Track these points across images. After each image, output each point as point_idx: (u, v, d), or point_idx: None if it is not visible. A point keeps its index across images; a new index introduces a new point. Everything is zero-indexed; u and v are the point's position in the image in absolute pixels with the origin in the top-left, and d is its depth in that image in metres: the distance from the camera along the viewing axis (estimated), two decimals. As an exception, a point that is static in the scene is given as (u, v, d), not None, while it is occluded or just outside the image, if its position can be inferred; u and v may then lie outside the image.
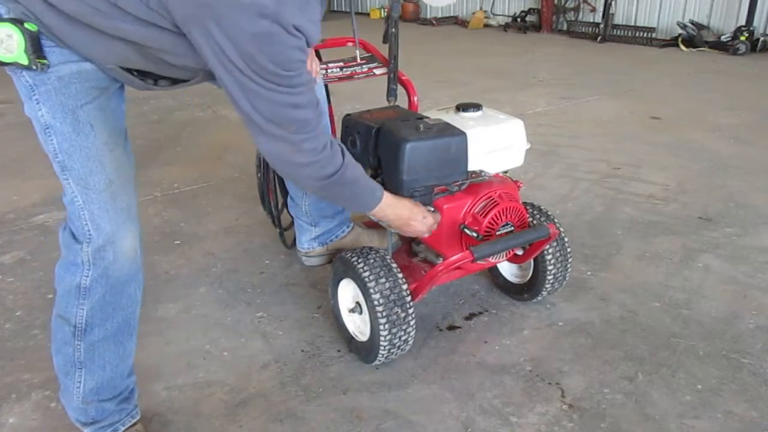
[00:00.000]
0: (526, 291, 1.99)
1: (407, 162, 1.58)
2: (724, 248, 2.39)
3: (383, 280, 1.61)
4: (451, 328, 1.93)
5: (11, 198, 3.01)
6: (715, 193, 2.94)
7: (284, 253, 2.40)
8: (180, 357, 1.81)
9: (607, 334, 1.88)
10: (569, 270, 1.93)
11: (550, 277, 1.88)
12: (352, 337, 1.78)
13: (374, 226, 2.17)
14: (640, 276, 2.20)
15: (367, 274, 1.61)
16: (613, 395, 1.62)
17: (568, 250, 1.90)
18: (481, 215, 1.69)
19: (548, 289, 1.92)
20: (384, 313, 1.58)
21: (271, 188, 2.21)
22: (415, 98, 2.18)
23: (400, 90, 2.13)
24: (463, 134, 1.64)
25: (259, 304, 2.06)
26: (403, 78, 2.14)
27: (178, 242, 2.52)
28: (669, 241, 2.45)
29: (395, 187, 1.64)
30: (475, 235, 1.66)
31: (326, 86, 2.36)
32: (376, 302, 1.58)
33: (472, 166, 1.69)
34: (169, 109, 4.67)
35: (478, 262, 1.63)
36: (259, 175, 2.17)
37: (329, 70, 2.12)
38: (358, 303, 1.72)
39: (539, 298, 1.96)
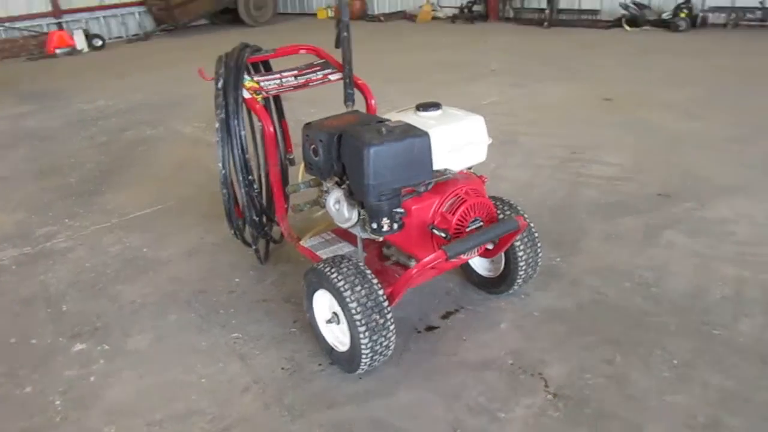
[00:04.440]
0: (500, 283, 2.00)
1: (372, 166, 1.57)
2: (684, 223, 2.46)
3: (359, 287, 1.59)
4: (429, 328, 1.92)
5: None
6: (671, 169, 3.02)
7: (254, 268, 2.35)
8: (156, 389, 1.74)
9: (582, 319, 1.90)
10: (540, 257, 1.95)
11: (522, 264, 1.89)
12: (333, 348, 1.75)
13: (343, 234, 2.13)
14: (608, 258, 2.24)
15: (341, 283, 1.59)
16: (595, 379, 1.65)
17: (537, 237, 1.91)
18: (449, 213, 1.68)
19: (522, 277, 1.93)
20: (363, 321, 1.56)
21: (238, 205, 2.15)
22: (373, 101, 2.17)
23: (357, 94, 2.11)
24: (425, 134, 1.63)
25: (233, 325, 2.01)
26: (359, 82, 2.12)
27: (142, 269, 2.43)
28: (632, 221, 2.51)
29: (362, 193, 1.62)
30: (443, 235, 1.66)
31: (278, 98, 2.32)
32: (353, 311, 1.56)
33: (436, 165, 1.68)
34: (118, 129, 4.52)
35: (452, 260, 1.62)
36: (224, 191, 2.09)
37: (283, 80, 2.08)
38: (335, 313, 1.69)
39: (514, 288, 1.98)
